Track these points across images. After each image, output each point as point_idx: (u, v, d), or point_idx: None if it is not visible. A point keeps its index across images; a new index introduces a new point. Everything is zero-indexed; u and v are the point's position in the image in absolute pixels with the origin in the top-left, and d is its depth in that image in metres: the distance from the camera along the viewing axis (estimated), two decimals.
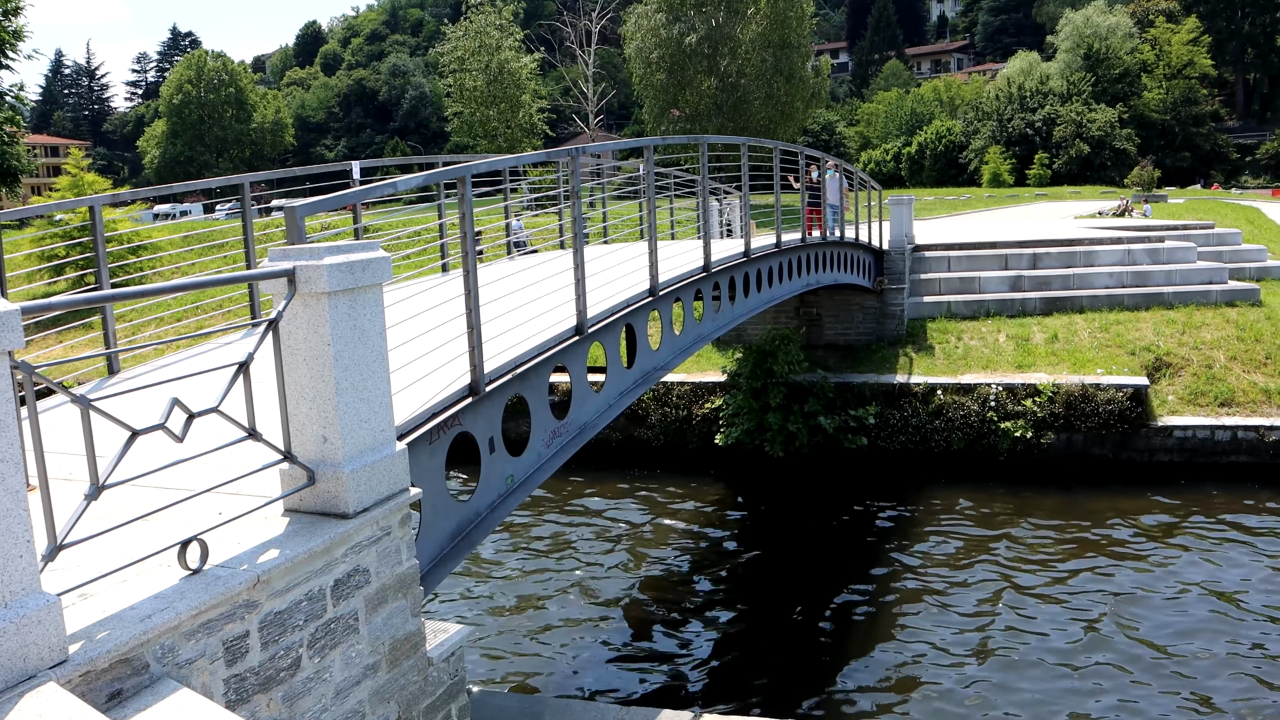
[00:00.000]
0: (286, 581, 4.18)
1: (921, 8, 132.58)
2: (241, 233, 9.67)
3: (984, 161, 70.35)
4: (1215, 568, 12.00)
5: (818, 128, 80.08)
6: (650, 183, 8.99)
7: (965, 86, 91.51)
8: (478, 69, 51.41)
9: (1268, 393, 16.20)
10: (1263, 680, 9.41)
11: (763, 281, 12.13)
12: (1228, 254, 24.48)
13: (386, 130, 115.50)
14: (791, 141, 44.91)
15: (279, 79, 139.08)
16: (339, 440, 4.55)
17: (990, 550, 12.86)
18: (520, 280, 8.32)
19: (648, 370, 8.97)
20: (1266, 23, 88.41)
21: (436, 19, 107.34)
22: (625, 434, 17.52)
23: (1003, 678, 9.65)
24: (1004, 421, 15.82)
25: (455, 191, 6.26)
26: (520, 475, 6.95)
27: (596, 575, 12.76)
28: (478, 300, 6.15)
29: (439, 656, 5.27)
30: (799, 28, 45.45)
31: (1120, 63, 78.79)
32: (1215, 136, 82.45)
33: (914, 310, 19.70)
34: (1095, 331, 18.37)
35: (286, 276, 4.38)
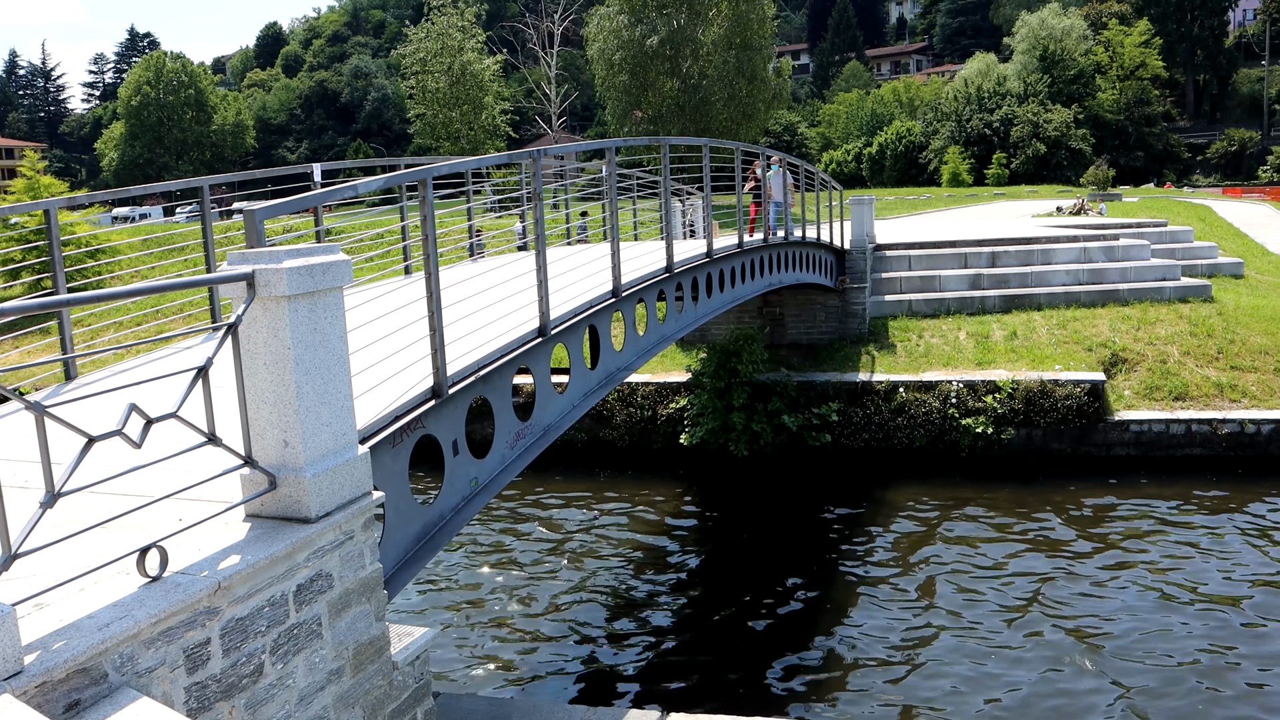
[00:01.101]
0: (248, 587, 4.15)
1: (881, 10, 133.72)
2: (201, 236, 9.57)
3: (943, 161, 71.08)
4: (1170, 557, 12.22)
5: (780, 129, 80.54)
6: (612, 184, 9.01)
7: (924, 87, 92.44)
8: (440, 71, 51.18)
9: (1220, 386, 16.53)
10: (1197, 664, 9.61)
11: (725, 282, 12.19)
12: (1180, 251, 24.96)
13: (349, 132, 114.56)
14: (754, 143, 45.11)
15: (239, 80, 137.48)
16: (300, 444, 4.52)
17: (953, 545, 13.01)
18: (483, 282, 8.30)
19: (611, 371, 8.99)
20: (1215, 25, 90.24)
21: (399, 20, 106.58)
22: (590, 435, 17.51)
23: (971, 668, 9.77)
24: (965, 418, 16.01)
25: (417, 194, 6.23)
26: (485, 478, 6.94)
27: (562, 577, 12.75)
28: (440, 302, 6.14)
29: (404, 660, 5.26)
30: (760, 29, 45.66)
31: (1075, 64, 80.00)
32: (1167, 136, 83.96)
33: (876, 309, 19.87)
34: (1053, 328, 18.64)
35: (246, 280, 4.35)
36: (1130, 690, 9.27)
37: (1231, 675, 9.48)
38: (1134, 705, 9.03)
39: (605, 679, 10.12)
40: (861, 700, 9.39)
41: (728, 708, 9.24)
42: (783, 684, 9.79)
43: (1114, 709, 8.99)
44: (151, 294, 4.40)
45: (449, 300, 6.86)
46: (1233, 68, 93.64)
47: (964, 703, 9.20)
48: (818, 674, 9.93)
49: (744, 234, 11.72)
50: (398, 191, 12.26)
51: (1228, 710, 8.90)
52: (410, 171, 6.40)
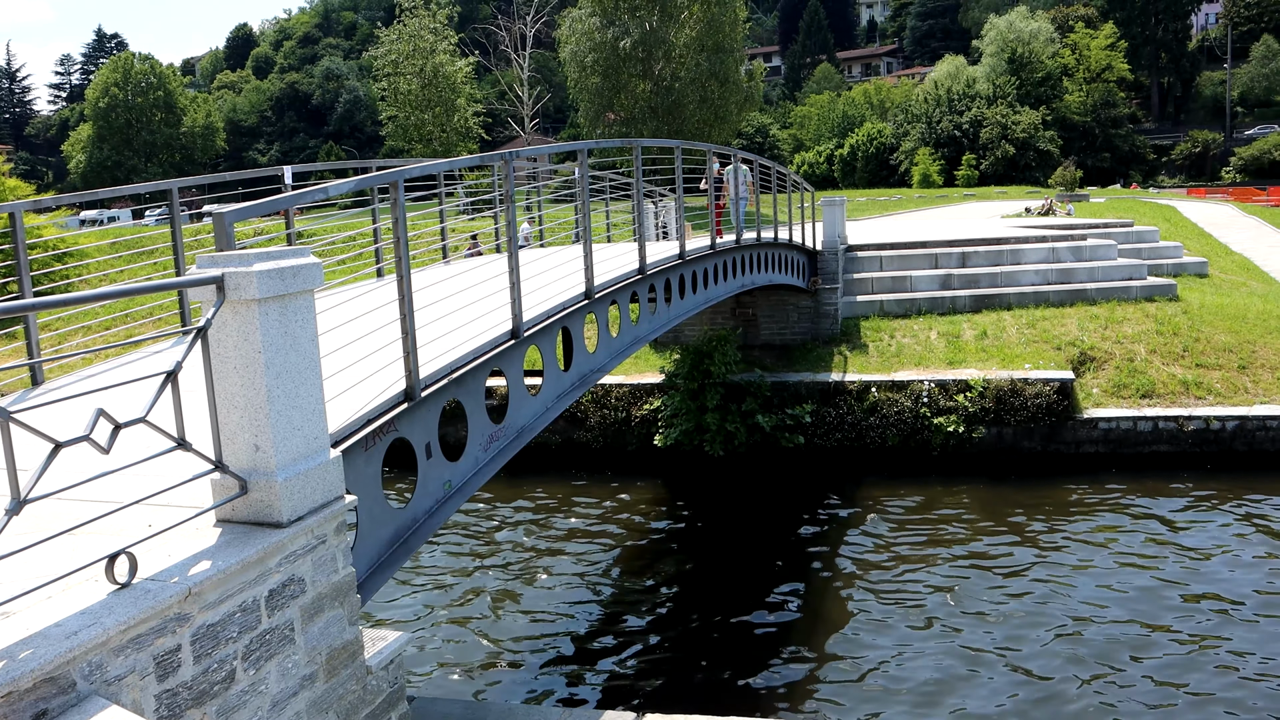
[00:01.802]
0: (219, 593, 4.12)
1: (851, 13, 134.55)
2: (171, 239, 9.48)
3: (914, 163, 71.67)
4: (1137, 552, 12.38)
5: (751, 130, 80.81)
6: (584, 186, 9.02)
7: (895, 89, 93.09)
8: (412, 73, 50.98)
9: (1185, 384, 16.76)
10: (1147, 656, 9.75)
11: (698, 283, 12.23)
12: (1146, 251, 25.29)
13: (321, 134, 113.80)
14: (726, 144, 45.25)
15: (209, 82, 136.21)
16: (271, 448, 4.50)
17: (925, 542, 13.11)
18: (456, 284, 8.28)
19: (585, 373, 8.99)
20: (1178, 29, 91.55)
21: (370, 22, 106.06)
22: (565, 437, 17.50)
23: (945, 665, 9.85)
24: (937, 417, 16.14)
25: (389, 196, 6.22)
26: (458, 480, 6.93)
27: (537, 579, 12.73)
28: (412, 305, 6.13)
29: (378, 664, 5.24)
30: (732, 32, 45.82)
31: (1042, 67, 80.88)
32: (1133, 138, 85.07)
33: (848, 309, 19.99)
34: (1023, 328, 18.82)
35: (215, 283, 4.33)
36: (1097, 680, 9.38)
37: (1201, 669, 9.62)
38: (1107, 698, 9.14)
39: (581, 681, 10.12)
40: (836, 698, 9.44)
41: (704, 708, 9.25)
42: (759, 684, 9.82)
43: (1089, 702, 9.09)
44: (120, 298, 4.36)
45: (422, 303, 6.85)
46: (1196, 70, 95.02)
47: (939, 700, 9.28)
48: (793, 673, 9.97)
49: (714, 235, 11.74)
50: (370, 194, 12.19)
51: (1199, 704, 9.03)
52: (382, 174, 6.38)
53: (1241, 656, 9.78)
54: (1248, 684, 9.30)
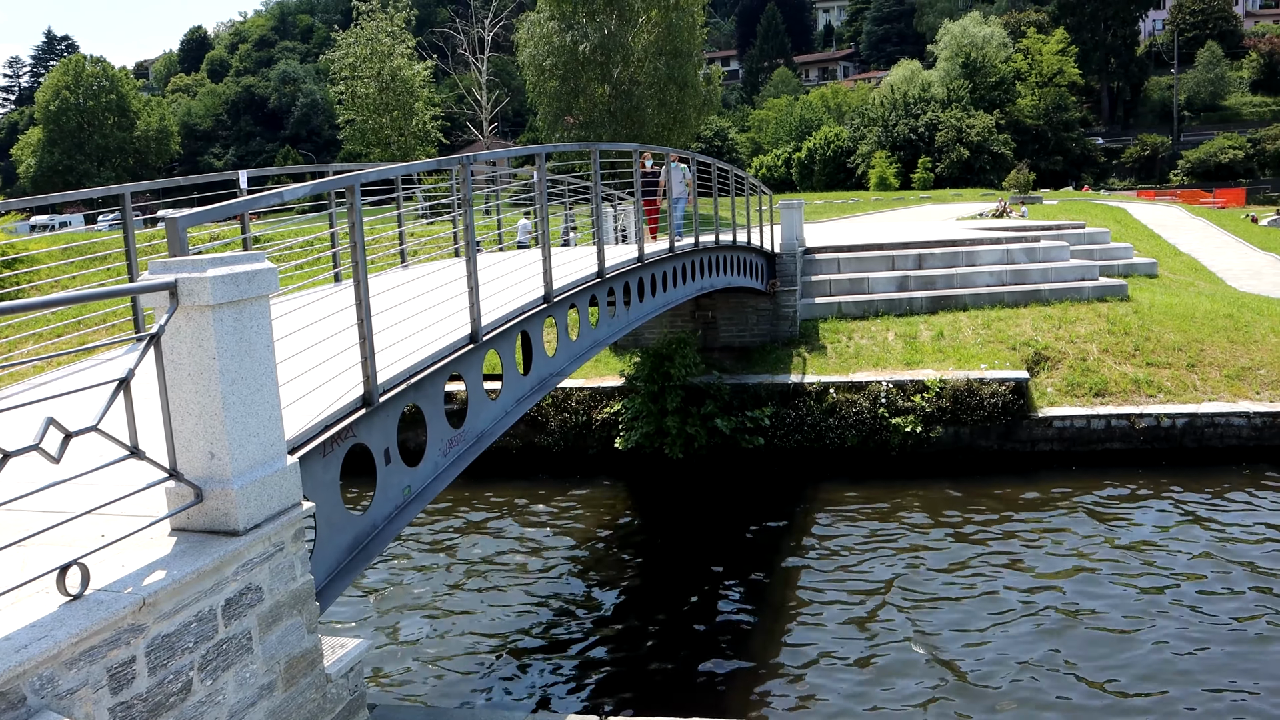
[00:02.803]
0: (174, 603, 4.07)
1: (808, 17, 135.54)
2: (124, 245, 9.35)
3: (871, 166, 72.41)
4: (1094, 546, 12.60)
5: (710, 134, 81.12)
6: (543, 190, 9.02)
7: (852, 93, 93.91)
8: (370, 76, 50.56)
9: (1137, 382, 17.08)
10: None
11: (657, 286, 12.26)
12: (1098, 252, 25.75)
13: (277, 138, 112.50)
14: (685, 148, 45.40)
15: (163, 85, 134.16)
16: (227, 456, 4.45)
17: (883, 541, 13.24)
18: (415, 289, 8.24)
19: (544, 376, 8.98)
20: (1126, 35, 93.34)
21: (327, 25, 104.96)
22: (525, 441, 17.45)
23: (909, 663, 9.96)
24: (895, 417, 16.31)
25: (346, 200, 6.18)
26: (418, 485, 6.89)
27: (498, 583, 12.68)
28: (369, 309, 6.09)
29: (337, 672, 5.20)
30: (690, 36, 45.95)
31: (996, 71, 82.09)
32: (1084, 141, 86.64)
33: (806, 311, 20.14)
34: (978, 328, 19.08)
35: (168, 289, 4.28)
36: (1056, 670, 9.54)
37: (1136, 652, 9.81)
38: (1056, 691, 9.30)
39: (545, 685, 10.10)
40: (801, 699, 9.50)
41: (667, 710, 9.28)
42: (721, 684, 9.86)
43: (1047, 694, 9.24)
44: (71, 304, 4.30)
45: (380, 307, 6.81)
46: (1144, 75, 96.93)
47: (904, 699, 9.37)
48: (756, 674, 10.03)
49: (644, 242, 11.66)
50: (327, 198, 12.09)
51: (1165, 700, 9.20)
52: (338, 178, 6.33)
53: (1168, 644, 10.00)
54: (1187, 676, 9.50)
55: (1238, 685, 9.29)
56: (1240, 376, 17.20)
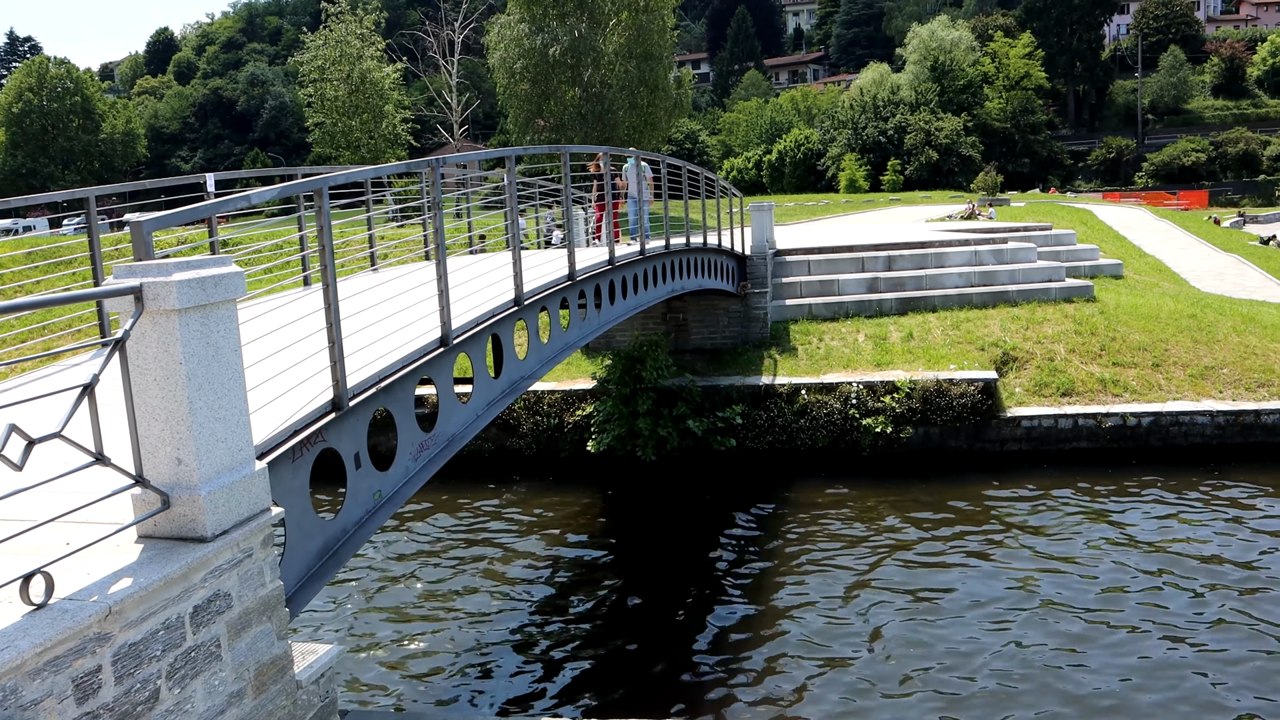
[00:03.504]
0: (141, 611, 4.04)
1: (778, 20, 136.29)
2: (89, 249, 9.24)
3: (841, 168, 72.96)
4: (1061, 543, 12.74)
5: (681, 136, 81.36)
6: (513, 193, 9.01)
7: (821, 96, 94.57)
8: (339, 79, 50.26)
9: (1103, 382, 17.29)
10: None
11: (628, 288, 12.28)
12: (1065, 254, 26.03)
13: (246, 141, 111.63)
14: (655, 150, 45.49)
15: (129, 87, 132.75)
16: (194, 461, 4.42)
17: (854, 540, 13.32)
18: (385, 292, 8.21)
19: (515, 380, 8.97)
20: (1092, 39, 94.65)
21: (296, 27, 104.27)
22: (497, 444, 17.41)
23: (882, 664, 10.02)
24: (865, 418, 16.41)
25: (315, 204, 6.14)
26: (388, 490, 6.86)
27: (472, 588, 12.64)
28: (338, 313, 6.06)
29: (308, 679, 5.17)
30: (660, 39, 46.05)
31: (964, 74, 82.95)
32: (1051, 144, 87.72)
33: (777, 313, 20.23)
34: (947, 329, 19.24)
35: (133, 294, 4.24)
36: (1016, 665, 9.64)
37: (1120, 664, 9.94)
38: (1013, 689, 9.39)
39: (517, 688, 10.07)
40: (772, 699, 9.54)
41: (639, 712, 9.29)
42: (694, 687, 9.88)
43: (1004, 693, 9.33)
44: (34, 309, 4.25)
45: (350, 311, 6.78)
46: (1109, 79, 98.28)
47: (877, 699, 9.43)
48: (727, 674, 10.05)
49: (603, 240, 11.65)
50: (296, 201, 12.02)
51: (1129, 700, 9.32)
52: (306, 181, 6.30)
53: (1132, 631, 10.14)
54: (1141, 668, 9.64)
55: (1212, 683, 9.43)
56: (1204, 376, 17.46)
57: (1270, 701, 8.99)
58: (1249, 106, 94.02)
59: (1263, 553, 12.28)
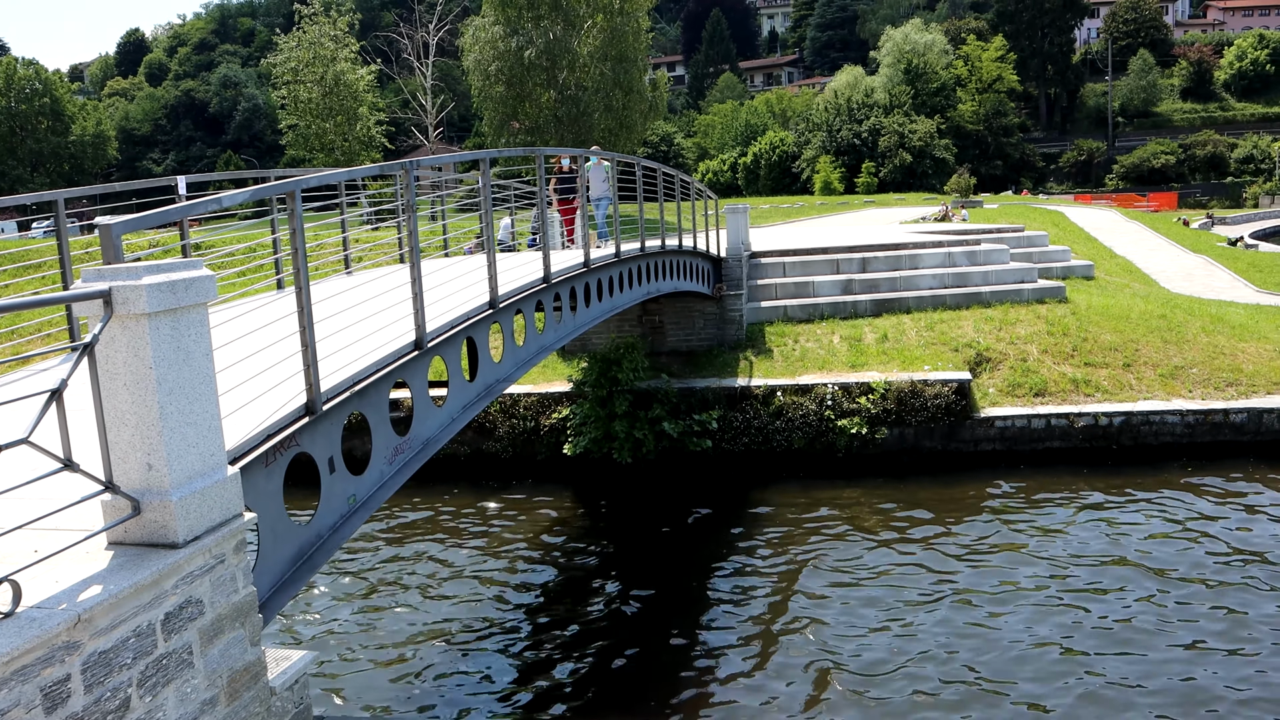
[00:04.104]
0: (111, 619, 3.99)
1: (753, 23, 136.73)
2: (58, 252, 9.15)
3: (816, 170, 73.22)
4: (1034, 542, 12.85)
5: (657, 139, 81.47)
6: (487, 195, 8.99)
7: (796, 99, 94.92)
8: (312, 81, 49.91)
9: (1075, 382, 17.45)
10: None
11: (603, 291, 12.28)
12: (1037, 255, 26.25)
13: (219, 143, 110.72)
14: (631, 153, 45.51)
15: (99, 89, 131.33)
16: (165, 467, 4.38)
17: (830, 540, 13.37)
18: (359, 295, 8.17)
19: (491, 383, 8.95)
20: (1063, 43, 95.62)
21: (269, 29, 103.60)
22: (473, 447, 17.35)
23: (858, 666, 10.06)
24: (840, 419, 16.48)
25: (287, 206, 6.10)
26: (363, 494, 6.83)
27: (447, 592, 12.59)
28: (311, 317, 6.03)
29: (282, 685, 5.13)
30: (635, 41, 46.05)
31: (937, 77, 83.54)
32: (1023, 146, 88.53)
33: (752, 315, 20.28)
34: (922, 330, 19.36)
35: (102, 298, 4.20)
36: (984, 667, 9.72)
37: (1091, 662, 10.03)
38: (989, 691, 9.47)
39: (492, 695, 10.04)
40: (750, 708, 9.56)
41: (615, 715, 9.29)
42: (667, 691, 9.89)
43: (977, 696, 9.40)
44: (1, 313, 4.20)
45: (324, 314, 6.74)
46: (1080, 82, 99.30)
47: (850, 702, 9.47)
48: (697, 679, 10.07)
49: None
50: (269, 204, 11.93)
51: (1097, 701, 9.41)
52: (278, 184, 6.26)
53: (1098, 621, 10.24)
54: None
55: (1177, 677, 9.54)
56: (1173, 375, 17.66)
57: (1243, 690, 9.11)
58: (1216, 110, 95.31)
59: (1238, 548, 12.43)
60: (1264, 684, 9.31)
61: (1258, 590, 11.24)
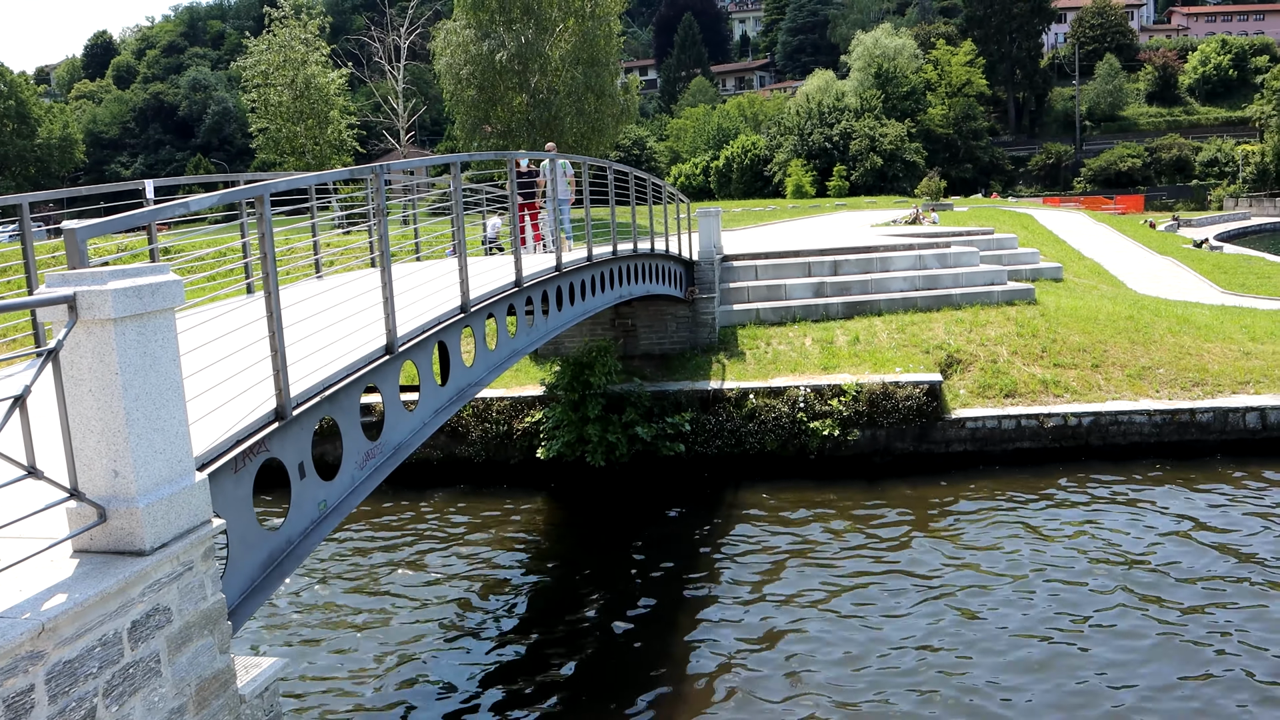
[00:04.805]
0: (76, 627, 3.95)
1: (725, 27, 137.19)
2: (23, 257, 9.04)
3: (787, 174, 73.53)
4: (1006, 542, 12.97)
5: (629, 143, 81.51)
6: (458, 199, 8.97)
7: (768, 103, 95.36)
8: (283, 84, 49.54)
9: (1044, 383, 17.63)
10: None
11: (575, 295, 12.27)
12: (1006, 257, 26.50)
13: (188, 147, 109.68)
14: (604, 157, 45.51)
15: (66, 92, 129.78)
16: (132, 474, 4.33)
17: (802, 542, 13.42)
18: (329, 300, 8.12)
19: (463, 387, 8.92)
20: (1031, 47, 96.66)
21: (239, 31, 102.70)
22: (446, 452, 17.28)
23: (833, 670, 10.10)
24: (813, 421, 16.55)
25: (256, 211, 6.06)
26: (333, 500, 6.78)
27: (419, 598, 12.52)
28: (281, 321, 5.99)
29: (251, 693, 5.08)
30: (607, 45, 46.13)
31: (907, 81, 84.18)
32: (992, 150, 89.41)
33: (725, 318, 20.34)
34: (893, 332, 19.49)
35: (67, 303, 4.15)
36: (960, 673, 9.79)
37: (1061, 659, 10.13)
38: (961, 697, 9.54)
39: (463, 702, 10.00)
40: (724, 709, 9.58)
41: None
42: (643, 699, 9.89)
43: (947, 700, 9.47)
44: None
45: (294, 319, 6.70)
46: (1048, 86, 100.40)
47: (825, 703, 9.51)
48: (679, 687, 10.07)
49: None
50: (239, 208, 11.84)
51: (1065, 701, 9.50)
52: (247, 188, 6.22)
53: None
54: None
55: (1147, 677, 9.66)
56: (1141, 376, 17.88)
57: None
58: (1181, 114, 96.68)
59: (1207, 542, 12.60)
60: (1238, 681, 9.45)
61: (1232, 584, 11.41)
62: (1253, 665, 9.67)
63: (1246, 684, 9.35)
